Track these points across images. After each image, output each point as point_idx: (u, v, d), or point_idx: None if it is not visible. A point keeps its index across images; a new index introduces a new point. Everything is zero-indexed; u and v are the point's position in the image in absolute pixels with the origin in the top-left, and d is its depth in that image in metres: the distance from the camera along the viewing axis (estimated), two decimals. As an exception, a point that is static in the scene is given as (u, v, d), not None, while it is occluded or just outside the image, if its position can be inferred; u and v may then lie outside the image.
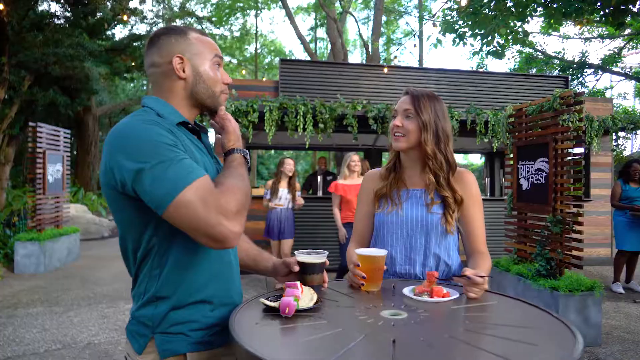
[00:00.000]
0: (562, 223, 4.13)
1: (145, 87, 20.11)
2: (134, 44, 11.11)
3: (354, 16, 14.88)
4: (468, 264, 1.58)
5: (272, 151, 22.00)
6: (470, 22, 8.00)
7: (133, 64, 11.04)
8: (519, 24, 8.00)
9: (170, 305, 1.07)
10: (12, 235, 7.20)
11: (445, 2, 7.91)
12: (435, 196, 1.58)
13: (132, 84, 18.69)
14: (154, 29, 13.25)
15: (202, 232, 0.97)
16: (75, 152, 13.80)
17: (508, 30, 8.01)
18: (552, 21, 7.36)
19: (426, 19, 17.48)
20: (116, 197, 1.06)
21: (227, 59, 20.30)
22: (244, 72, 18.48)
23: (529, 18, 8.11)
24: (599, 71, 15.01)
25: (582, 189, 4.25)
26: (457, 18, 8.04)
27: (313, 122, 6.24)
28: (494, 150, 7.44)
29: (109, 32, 11.19)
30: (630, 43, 15.44)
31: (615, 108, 12.94)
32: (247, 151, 1.22)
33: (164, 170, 0.96)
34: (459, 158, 18.41)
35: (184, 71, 1.15)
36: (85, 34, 8.87)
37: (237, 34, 19.85)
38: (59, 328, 4.14)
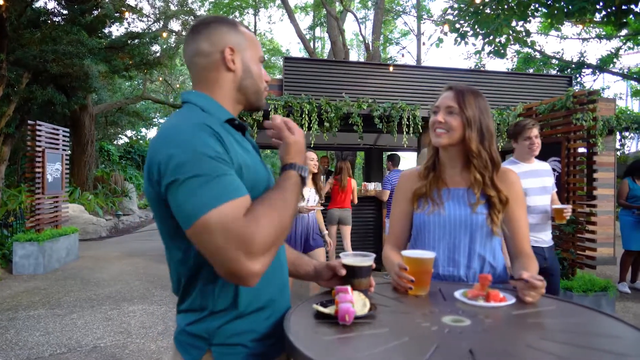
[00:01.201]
0: (575, 223, 4.09)
1: (141, 86, 19.94)
2: (133, 42, 10.96)
3: (354, 14, 14.81)
4: (513, 266, 1.52)
5: (268, 150, 21.85)
6: (472, 22, 7.98)
7: (131, 62, 10.90)
8: (520, 23, 7.99)
9: (229, 317, 1.00)
10: (9, 235, 7.06)
11: (448, 1, 7.84)
12: (480, 196, 1.51)
13: (128, 83, 18.53)
14: (152, 26, 13.13)
15: (218, 264, 0.88)
16: (70, 151, 13.63)
17: (510, 30, 7.99)
18: (553, 21, 7.36)
19: (425, 19, 17.48)
20: (158, 205, 0.98)
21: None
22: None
23: (530, 17, 8.11)
24: (597, 71, 15.07)
25: (596, 189, 4.21)
26: (459, 18, 8.01)
27: (318, 120, 6.17)
28: (499, 150, 7.40)
29: (106, 30, 11.05)
30: (628, 44, 15.53)
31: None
32: (306, 168, 1.08)
33: (197, 186, 0.87)
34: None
35: (233, 63, 1.08)
36: (84, 31, 8.73)
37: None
38: (62, 331, 4.03)
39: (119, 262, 7.31)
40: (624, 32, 13.13)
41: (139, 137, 25.57)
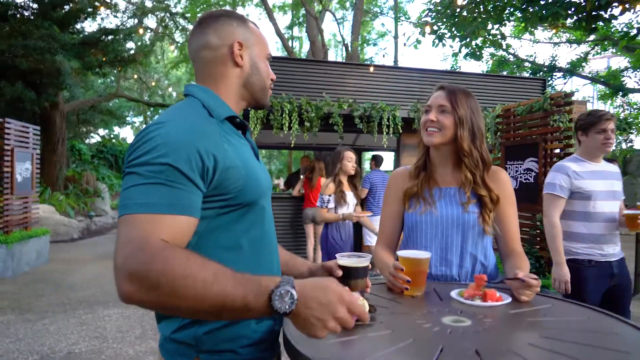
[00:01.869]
0: (551, 222, 4.18)
1: (114, 84, 19.44)
2: (106, 38, 10.65)
3: (333, 14, 14.83)
4: (505, 265, 1.53)
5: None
6: (449, 24, 8.10)
7: (105, 59, 10.60)
8: (496, 26, 8.16)
9: (218, 323, 0.95)
10: (-25, 237, 6.75)
11: (427, 4, 7.94)
12: (470, 195, 1.52)
13: (101, 80, 18.04)
14: (127, 22, 12.81)
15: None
16: (40, 150, 13.16)
17: (486, 33, 8.15)
18: (528, 25, 7.55)
19: (402, 21, 17.66)
20: None
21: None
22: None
23: (506, 21, 8.30)
24: (568, 75, 15.54)
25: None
26: (436, 20, 8.12)
27: (299, 120, 6.14)
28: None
29: (78, 26, 10.71)
30: (596, 48, 16.08)
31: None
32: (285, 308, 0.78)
33: (151, 186, 0.83)
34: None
35: (241, 58, 1.05)
36: (56, 26, 8.43)
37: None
38: (34, 337, 3.87)
39: (92, 264, 7.10)
40: (592, 37, 13.58)
41: (112, 136, 24.96)
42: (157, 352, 3.61)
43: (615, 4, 6.36)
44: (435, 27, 8.15)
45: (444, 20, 8.09)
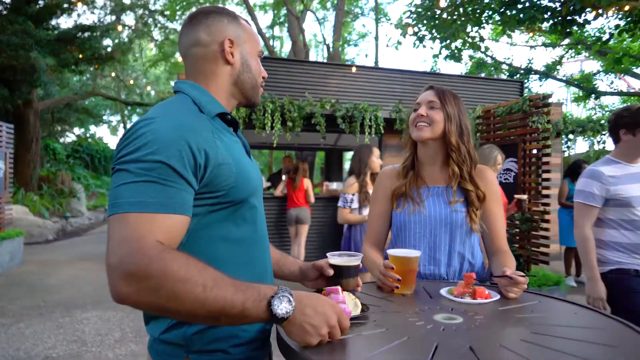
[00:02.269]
0: (530, 221, 4.27)
1: (90, 82, 19.00)
2: (83, 35, 10.38)
3: (315, 14, 14.83)
4: (491, 263, 1.55)
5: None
6: (430, 26, 8.21)
7: (81, 56, 10.33)
8: (475, 29, 8.31)
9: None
10: (-56, 239, 6.50)
11: (409, 5, 8.02)
12: (457, 193, 1.54)
13: (76, 78, 17.59)
14: (104, 19, 12.52)
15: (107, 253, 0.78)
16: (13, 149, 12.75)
17: (466, 36, 8.29)
18: (506, 28, 7.71)
19: (382, 22, 17.80)
20: None
21: (179, 56, 19.59)
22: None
23: (484, 24, 8.45)
24: (543, 77, 15.92)
25: (550, 189, 4.43)
26: (417, 22, 8.21)
27: (281, 120, 6.11)
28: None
29: (54, 22, 10.40)
30: (570, 52, 16.53)
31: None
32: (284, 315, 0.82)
33: (143, 184, 0.81)
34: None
35: (232, 56, 1.04)
36: (30, 22, 8.17)
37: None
38: (9, 342, 3.75)
39: (69, 266, 6.92)
40: (566, 41, 13.94)
41: (88, 135, 24.39)
42: (137, 355, 3.55)
43: (589, 10, 6.56)
44: (416, 29, 8.25)
45: (425, 22, 8.19)
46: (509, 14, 7.36)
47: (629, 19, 6.70)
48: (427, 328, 0.99)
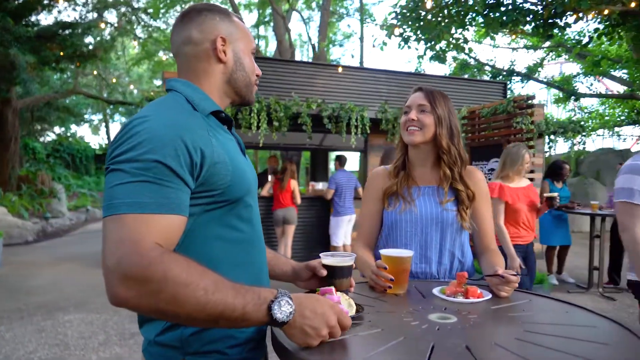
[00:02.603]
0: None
1: (71, 80, 18.63)
2: (64, 32, 10.15)
3: (301, 14, 14.81)
4: (480, 261, 1.57)
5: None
6: (415, 27, 8.27)
7: (62, 53, 10.10)
8: (459, 30, 8.41)
9: None
10: None
11: (394, 7, 8.07)
12: (448, 193, 1.56)
13: (57, 76, 17.22)
14: (86, 16, 12.27)
15: (103, 256, 0.77)
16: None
17: (450, 37, 8.38)
18: (489, 30, 7.82)
19: (367, 22, 17.88)
20: None
21: (163, 54, 19.36)
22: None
23: (468, 26, 8.56)
24: (525, 79, 16.20)
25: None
26: (402, 23, 8.27)
27: (267, 120, 6.08)
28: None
29: (34, 18, 10.15)
30: (551, 54, 16.87)
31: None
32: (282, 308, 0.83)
33: (139, 184, 0.80)
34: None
35: (225, 54, 1.02)
36: (9, 18, 7.95)
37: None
38: (-12, 346, 3.66)
39: (50, 268, 6.77)
40: (547, 43, 14.22)
41: (69, 134, 23.91)
42: (121, 358, 3.49)
43: (570, 13, 6.71)
44: (401, 30, 8.31)
45: (410, 23, 8.26)
46: (492, 16, 7.47)
47: (607, 23, 6.87)
48: (422, 328, 0.99)
